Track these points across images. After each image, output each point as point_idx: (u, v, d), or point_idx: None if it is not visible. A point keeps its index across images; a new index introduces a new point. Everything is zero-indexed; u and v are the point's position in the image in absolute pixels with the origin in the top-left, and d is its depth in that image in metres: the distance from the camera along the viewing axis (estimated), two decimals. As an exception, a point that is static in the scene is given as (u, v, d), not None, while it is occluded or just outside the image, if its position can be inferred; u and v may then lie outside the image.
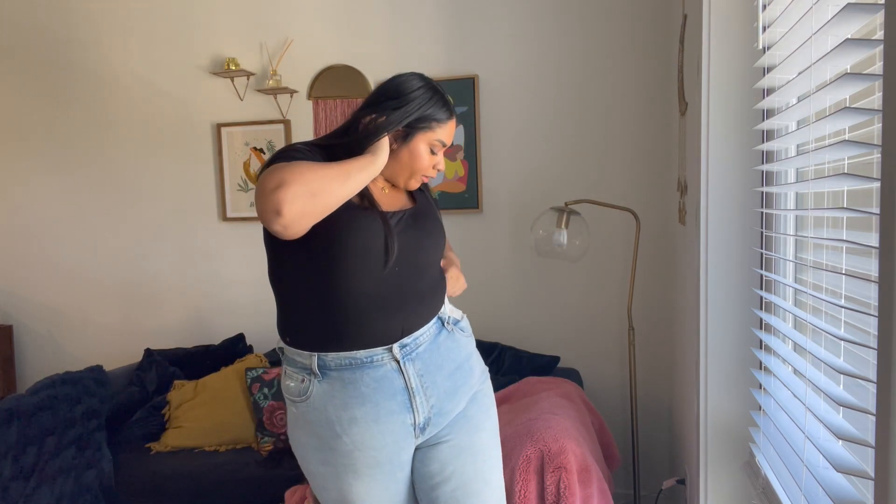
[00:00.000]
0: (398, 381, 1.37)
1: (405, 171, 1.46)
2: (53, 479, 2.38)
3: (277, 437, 2.62)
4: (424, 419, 1.41)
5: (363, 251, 1.32)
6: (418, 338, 1.41)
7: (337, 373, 1.36)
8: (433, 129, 1.43)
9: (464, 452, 1.46)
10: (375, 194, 1.44)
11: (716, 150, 1.65)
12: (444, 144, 1.47)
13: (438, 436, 1.46)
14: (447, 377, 1.44)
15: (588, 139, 2.86)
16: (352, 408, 1.35)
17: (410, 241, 1.42)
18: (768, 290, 1.59)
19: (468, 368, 1.50)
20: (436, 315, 1.47)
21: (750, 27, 1.58)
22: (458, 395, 1.46)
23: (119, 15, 3.26)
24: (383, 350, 1.36)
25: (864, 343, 0.97)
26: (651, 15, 2.76)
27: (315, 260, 1.33)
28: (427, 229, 1.47)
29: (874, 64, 1.04)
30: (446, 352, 1.46)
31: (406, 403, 1.38)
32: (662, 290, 2.82)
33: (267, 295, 1.58)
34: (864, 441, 0.98)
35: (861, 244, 0.97)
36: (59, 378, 2.64)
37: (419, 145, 1.44)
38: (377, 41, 3.01)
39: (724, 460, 1.73)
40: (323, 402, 1.37)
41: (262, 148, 3.18)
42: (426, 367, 1.41)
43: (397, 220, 1.42)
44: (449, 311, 1.54)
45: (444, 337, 1.47)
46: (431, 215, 1.52)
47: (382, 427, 1.36)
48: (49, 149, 3.40)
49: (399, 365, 1.37)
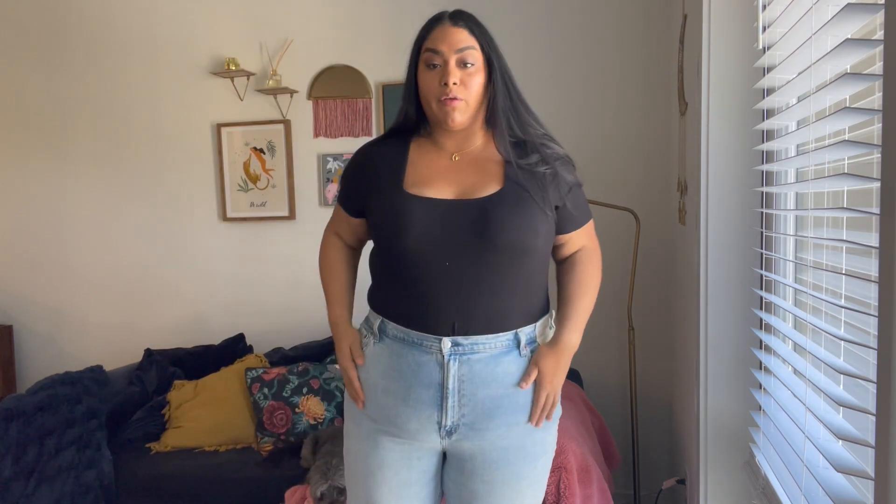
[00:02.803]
0: (436, 375, 1.32)
1: (428, 106, 1.34)
2: (53, 479, 2.38)
3: (277, 437, 2.62)
4: (452, 424, 1.34)
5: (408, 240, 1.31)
6: (478, 344, 1.31)
7: (391, 341, 1.37)
8: (423, 47, 1.33)
9: (497, 492, 1.38)
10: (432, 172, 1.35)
11: (716, 151, 1.65)
12: (436, 51, 1.30)
13: (473, 461, 1.38)
14: (490, 398, 1.33)
15: (588, 139, 2.86)
16: (389, 378, 1.36)
17: (463, 238, 1.29)
18: (768, 290, 1.59)
19: (523, 405, 1.36)
20: (510, 329, 1.33)
21: (750, 27, 1.58)
22: (495, 419, 1.34)
23: (119, 15, 3.25)
24: (434, 339, 1.32)
25: (864, 343, 0.97)
26: (651, 15, 2.76)
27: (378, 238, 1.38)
28: (494, 228, 1.29)
29: (874, 64, 1.04)
30: (503, 374, 1.33)
31: (437, 399, 1.33)
32: (662, 290, 2.82)
33: (267, 295, 1.58)
34: (864, 441, 0.98)
35: (861, 244, 0.97)
36: (59, 378, 2.64)
37: (421, 75, 1.34)
38: (377, 41, 3.01)
39: (724, 460, 1.73)
40: (372, 362, 1.39)
41: (262, 148, 3.17)
42: (472, 375, 1.32)
43: (446, 210, 1.30)
44: (538, 333, 1.38)
45: (511, 359, 1.34)
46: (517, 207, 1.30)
47: (409, 410, 1.34)
48: (48, 149, 3.39)
49: (443, 359, 1.32)
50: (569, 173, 1.38)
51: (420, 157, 1.38)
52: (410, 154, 1.39)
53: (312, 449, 2.35)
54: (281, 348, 3.00)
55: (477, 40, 1.33)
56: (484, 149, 1.38)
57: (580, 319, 1.41)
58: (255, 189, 3.20)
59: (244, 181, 3.21)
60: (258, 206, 3.20)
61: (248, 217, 3.21)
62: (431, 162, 1.37)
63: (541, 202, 1.32)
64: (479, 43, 1.33)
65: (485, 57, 1.33)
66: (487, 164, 1.35)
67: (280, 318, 3.19)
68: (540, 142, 1.37)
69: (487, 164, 1.35)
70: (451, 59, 1.30)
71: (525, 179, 1.32)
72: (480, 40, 1.33)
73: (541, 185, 1.33)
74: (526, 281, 1.34)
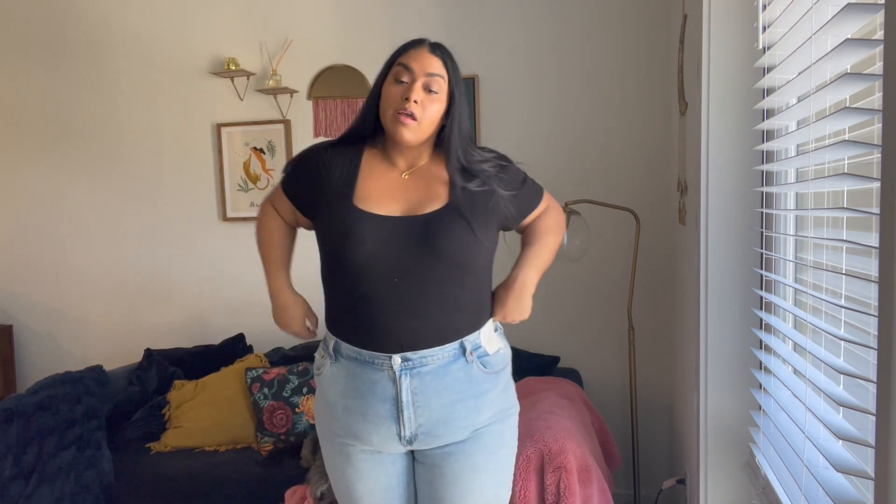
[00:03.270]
0: (390, 390, 1.38)
1: (383, 116, 1.39)
2: (53, 479, 2.38)
3: (277, 437, 2.62)
4: (411, 434, 1.40)
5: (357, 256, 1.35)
6: (426, 357, 1.36)
7: (346, 361, 1.41)
8: (396, 62, 1.39)
9: (457, 484, 1.43)
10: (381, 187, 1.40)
11: (716, 150, 1.65)
12: (407, 68, 1.36)
13: (434, 457, 1.44)
14: (443, 405, 1.39)
15: (588, 139, 2.86)
16: (347, 397, 1.41)
17: (410, 253, 1.34)
18: (768, 290, 1.59)
19: (473, 407, 1.40)
20: (455, 339, 1.38)
21: (750, 27, 1.58)
22: (451, 425, 1.40)
23: (119, 15, 3.25)
24: (384, 356, 1.37)
25: (864, 343, 0.97)
26: (651, 15, 2.76)
27: (326, 251, 1.42)
28: (439, 243, 1.34)
29: (874, 64, 1.04)
30: (452, 382, 1.39)
31: (393, 413, 1.38)
32: (662, 290, 2.82)
33: (267, 295, 1.58)
34: (864, 441, 0.98)
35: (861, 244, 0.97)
36: (59, 378, 2.64)
37: (386, 86, 1.39)
38: (377, 41, 3.01)
39: (724, 460, 1.73)
40: (329, 382, 1.45)
41: (262, 148, 3.17)
42: (423, 387, 1.37)
43: (393, 227, 1.35)
44: (483, 340, 1.42)
45: (458, 366, 1.39)
46: (459, 224, 1.36)
47: (369, 425, 1.40)
48: (48, 148, 3.39)
49: (395, 375, 1.37)
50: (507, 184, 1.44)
51: (371, 170, 1.43)
52: (362, 165, 1.44)
53: (312, 449, 2.35)
54: (281, 348, 3.00)
55: (447, 73, 1.39)
56: (431, 168, 1.44)
57: (538, 260, 1.51)
58: (255, 189, 3.20)
59: (244, 181, 3.21)
60: (258, 207, 3.20)
61: (249, 217, 3.21)
62: (381, 176, 1.42)
63: (482, 225, 1.38)
64: (449, 76, 1.39)
65: (449, 90, 1.39)
66: (434, 183, 1.41)
67: (280, 318, 3.19)
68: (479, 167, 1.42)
69: (434, 183, 1.41)
70: (419, 79, 1.35)
71: (467, 201, 1.38)
72: (450, 74, 1.39)
73: (483, 207, 1.39)
74: (470, 295, 1.40)
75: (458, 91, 1.40)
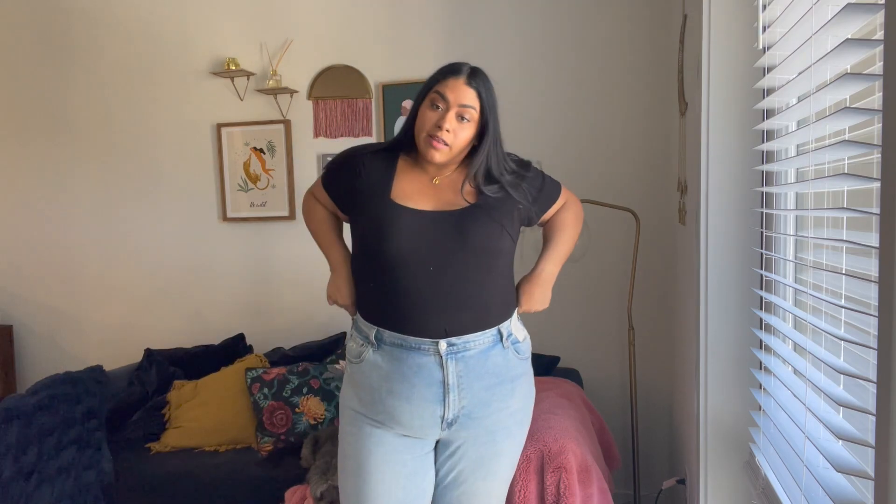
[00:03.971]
0: (437, 374, 1.48)
1: (417, 136, 1.50)
2: (53, 479, 2.38)
3: (277, 437, 2.62)
4: (454, 416, 1.50)
5: (394, 246, 1.45)
6: (468, 342, 1.48)
7: (389, 347, 1.50)
8: (433, 88, 1.49)
9: (480, 469, 1.57)
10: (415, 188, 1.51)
11: (716, 151, 1.65)
12: (443, 97, 1.46)
13: (464, 445, 1.55)
14: (485, 388, 1.51)
15: (588, 139, 2.86)
16: (392, 381, 1.49)
17: (443, 243, 1.46)
18: (768, 290, 1.59)
19: (509, 390, 1.55)
20: (492, 326, 1.51)
21: (750, 27, 1.58)
22: (490, 405, 1.52)
23: (119, 15, 3.25)
24: (431, 342, 1.47)
25: (864, 343, 0.97)
26: (651, 15, 2.76)
27: (364, 244, 1.52)
28: (469, 233, 1.47)
29: (874, 64, 1.04)
30: (493, 366, 1.52)
31: (440, 396, 1.48)
32: (662, 290, 2.82)
33: (267, 295, 1.60)
34: (864, 441, 0.98)
35: (861, 244, 0.97)
36: (59, 378, 2.63)
37: (423, 108, 1.49)
38: (377, 41, 3.01)
39: (724, 460, 1.73)
40: (371, 368, 1.51)
41: (262, 148, 3.18)
42: (468, 371, 1.49)
43: (427, 220, 1.47)
44: (514, 328, 1.57)
45: (497, 351, 1.53)
46: (487, 218, 1.49)
47: (413, 408, 1.48)
48: (48, 149, 3.40)
49: (442, 359, 1.47)
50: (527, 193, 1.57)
51: (405, 173, 1.56)
52: (398, 169, 1.56)
53: (312, 449, 2.35)
54: (281, 348, 3.00)
55: (481, 103, 1.49)
56: (460, 176, 1.55)
57: (558, 253, 1.66)
58: (255, 189, 3.20)
59: (244, 181, 3.21)
60: (258, 206, 3.20)
61: (249, 217, 3.21)
62: (415, 179, 1.55)
63: (507, 220, 1.52)
64: (482, 105, 1.49)
65: (482, 118, 1.49)
66: (463, 187, 1.53)
67: (280, 318, 3.19)
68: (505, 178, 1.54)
69: (463, 187, 1.53)
70: (452, 109, 1.46)
71: (494, 201, 1.52)
72: (484, 104, 1.49)
73: (508, 206, 1.53)
74: (498, 279, 1.53)
75: (493, 117, 1.50)
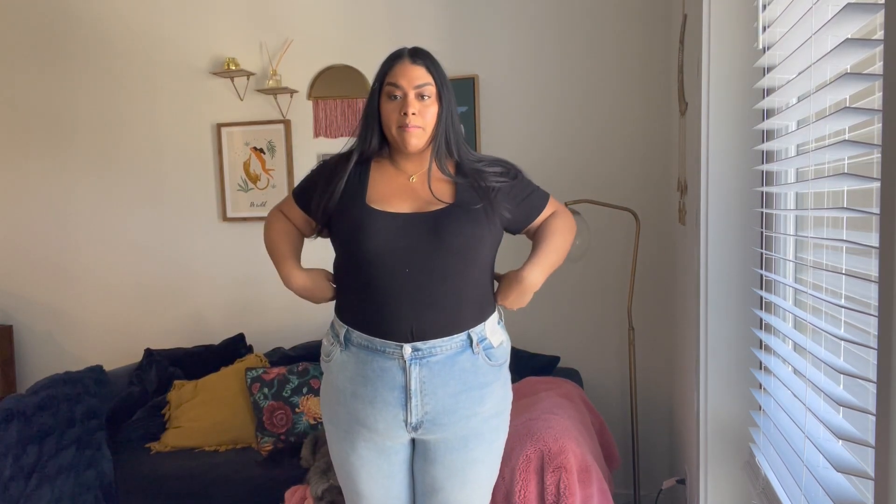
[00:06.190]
0: (400, 378, 1.45)
1: (388, 132, 1.49)
2: (53, 479, 2.38)
3: (277, 437, 2.62)
4: (417, 420, 1.47)
5: (371, 249, 1.43)
6: (434, 347, 1.45)
7: (356, 349, 1.48)
8: (385, 80, 1.48)
9: (456, 476, 1.53)
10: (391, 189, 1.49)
11: (716, 151, 1.65)
12: (396, 85, 1.46)
13: (435, 449, 1.52)
14: (449, 395, 1.47)
15: (588, 139, 2.86)
16: (356, 383, 1.48)
17: (419, 245, 1.43)
18: (768, 290, 1.59)
19: (477, 397, 1.49)
20: (462, 330, 1.46)
21: (750, 27, 1.58)
22: (455, 413, 1.48)
23: (119, 15, 3.25)
24: (395, 345, 1.44)
25: (864, 343, 0.97)
26: (651, 15, 2.76)
27: (342, 249, 1.51)
28: (446, 234, 1.43)
29: (874, 64, 1.04)
30: (460, 372, 1.47)
31: (401, 400, 1.45)
32: (662, 290, 2.82)
33: (267, 295, 1.60)
34: (864, 441, 0.98)
35: (861, 244, 0.97)
36: (59, 378, 2.64)
37: (383, 104, 1.48)
38: (377, 41, 3.01)
39: (724, 460, 1.73)
40: (338, 368, 1.51)
41: (262, 148, 3.17)
42: (431, 377, 1.45)
43: (404, 222, 1.44)
44: (488, 332, 1.50)
45: (465, 357, 1.47)
46: (464, 219, 1.45)
47: (376, 411, 1.46)
48: (48, 149, 3.40)
49: (406, 364, 1.44)
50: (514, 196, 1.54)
51: (380, 176, 1.54)
52: (371, 174, 1.54)
53: (312, 449, 2.36)
54: (281, 348, 3.00)
55: (432, 77, 1.48)
56: (436, 172, 1.52)
57: (546, 260, 1.55)
58: (255, 189, 3.20)
59: (244, 181, 3.21)
60: (258, 206, 3.20)
61: (249, 217, 3.21)
62: (391, 180, 1.53)
63: (485, 221, 1.47)
64: (434, 79, 1.48)
65: (437, 91, 1.49)
66: (438, 184, 1.51)
67: (280, 318, 3.19)
68: (475, 166, 1.53)
69: (438, 184, 1.51)
70: (410, 92, 1.46)
71: (470, 196, 1.48)
72: (435, 77, 1.49)
73: (486, 210, 1.48)
74: (475, 288, 1.48)
75: (446, 89, 1.50)
